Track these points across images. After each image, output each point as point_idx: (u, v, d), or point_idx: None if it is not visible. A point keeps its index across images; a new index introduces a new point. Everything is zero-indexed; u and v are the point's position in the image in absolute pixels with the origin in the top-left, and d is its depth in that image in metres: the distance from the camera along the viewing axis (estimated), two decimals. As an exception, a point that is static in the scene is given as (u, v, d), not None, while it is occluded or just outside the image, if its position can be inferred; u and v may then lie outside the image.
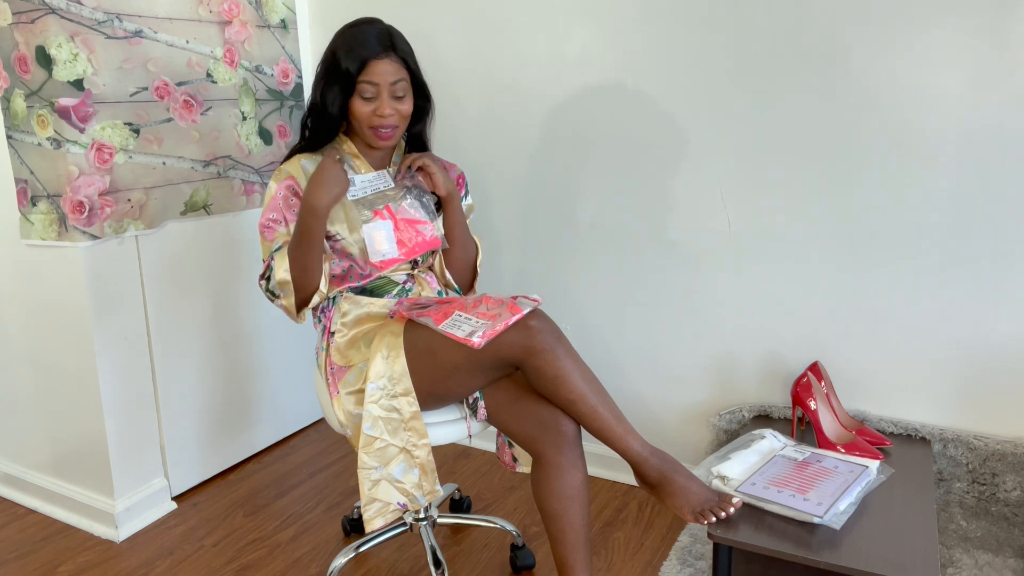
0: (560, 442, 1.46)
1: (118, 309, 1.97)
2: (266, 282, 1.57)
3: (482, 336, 1.38)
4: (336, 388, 1.56)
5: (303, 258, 1.52)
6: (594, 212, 2.12)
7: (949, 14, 1.64)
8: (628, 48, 1.98)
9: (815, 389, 1.76)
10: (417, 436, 1.50)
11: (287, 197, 1.57)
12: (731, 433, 1.98)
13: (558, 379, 1.42)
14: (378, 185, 1.63)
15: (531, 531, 1.97)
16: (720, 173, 1.94)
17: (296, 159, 1.60)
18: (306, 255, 1.52)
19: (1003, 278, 1.70)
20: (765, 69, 1.83)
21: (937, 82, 1.68)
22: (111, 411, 1.97)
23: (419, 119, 1.67)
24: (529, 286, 2.26)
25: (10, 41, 1.79)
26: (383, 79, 1.52)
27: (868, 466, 1.56)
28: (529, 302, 1.44)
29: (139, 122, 1.95)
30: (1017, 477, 1.72)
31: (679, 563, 1.74)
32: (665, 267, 2.06)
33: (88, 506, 2.05)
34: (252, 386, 2.41)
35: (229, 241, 2.26)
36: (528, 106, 2.15)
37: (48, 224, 1.87)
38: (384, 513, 1.52)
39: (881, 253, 1.80)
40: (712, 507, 1.41)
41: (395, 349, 1.49)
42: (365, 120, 1.56)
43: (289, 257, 1.53)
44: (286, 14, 2.37)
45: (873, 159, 1.77)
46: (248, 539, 1.99)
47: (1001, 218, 1.68)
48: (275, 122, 2.36)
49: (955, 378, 1.79)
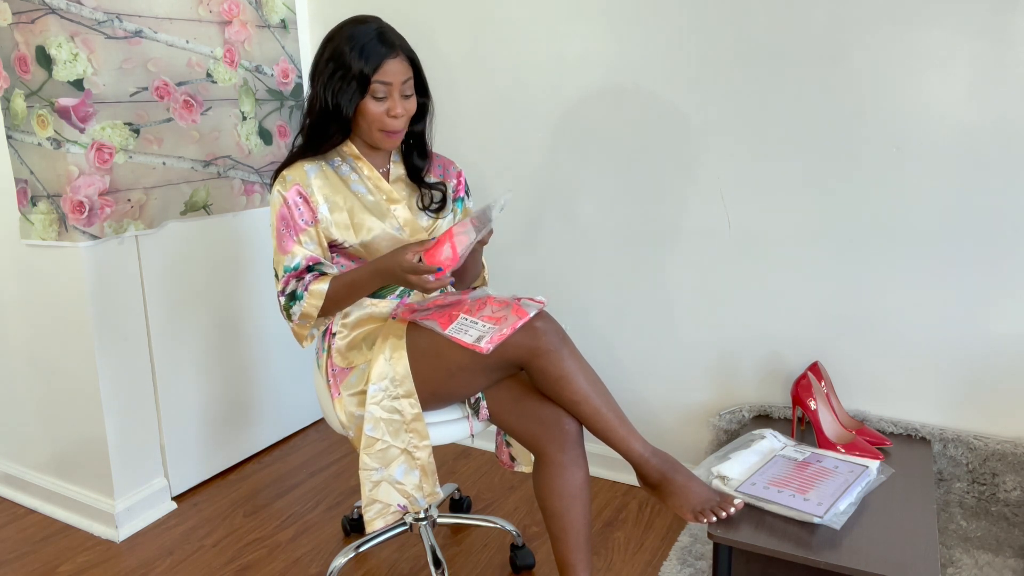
0: (562, 441, 1.46)
1: (118, 309, 1.97)
2: (287, 301, 1.53)
3: (489, 341, 1.38)
4: (338, 389, 1.56)
5: (345, 303, 1.54)
6: (594, 212, 2.12)
7: (949, 14, 1.64)
8: (629, 48, 1.98)
9: (815, 389, 1.76)
10: (418, 438, 1.50)
11: (297, 205, 1.54)
12: (731, 433, 1.98)
13: (562, 380, 1.42)
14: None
15: (531, 531, 1.97)
16: (721, 173, 1.94)
17: (299, 164, 1.57)
18: (351, 302, 1.54)
19: (1003, 278, 1.70)
20: (766, 69, 1.84)
21: (937, 82, 1.68)
22: (111, 411, 1.97)
23: (420, 117, 1.66)
24: (529, 286, 2.26)
25: (10, 41, 1.79)
26: (396, 79, 1.51)
27: (868, 466, 1.56)
28: (534, 304, 1.44)
29: (139, 122, 1.95)
30: (1017, 477, 1.72)
31: (679, 563, 1.74)
32: (665, 267, 2.06)
33: (88, 506, 2.05)
34: (252, 386, 2.40)
35: (229, 241, 2.26)
36: (528, 106, 2.15)
37: (48, 224, 1.87)
38: (385, 514, 1.52)
39: (881, 253, 1.80)
40: (712, 507, 1.42)
41: (398, 350, 1.49)
42: (376, 121, 1.53)
43: (329, 298, 1.51)
44: (286, 14, 2.37)
45: (873, 159, 1.77)
46: (248, 539, 1.99)
47: (1001, 218, 1.68)
48: (275, 122, 2.36)
49: (955, 378, 1.79)
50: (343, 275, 1.52)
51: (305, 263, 1.53)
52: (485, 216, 1.43)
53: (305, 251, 1.53)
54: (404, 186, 1.67)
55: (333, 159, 1.62)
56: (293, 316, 1.53)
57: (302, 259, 1.53)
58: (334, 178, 1.59)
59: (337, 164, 1.61)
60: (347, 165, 1.62)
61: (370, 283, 1.49)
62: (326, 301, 1.51)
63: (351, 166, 1.62)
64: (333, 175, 1.59)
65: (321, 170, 1.58)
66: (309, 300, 1.51)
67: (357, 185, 1.61)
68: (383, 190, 1.62)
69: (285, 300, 1.53)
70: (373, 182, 1.62)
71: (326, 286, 1.50)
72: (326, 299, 1.50)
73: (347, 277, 1.51)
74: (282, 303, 1.54)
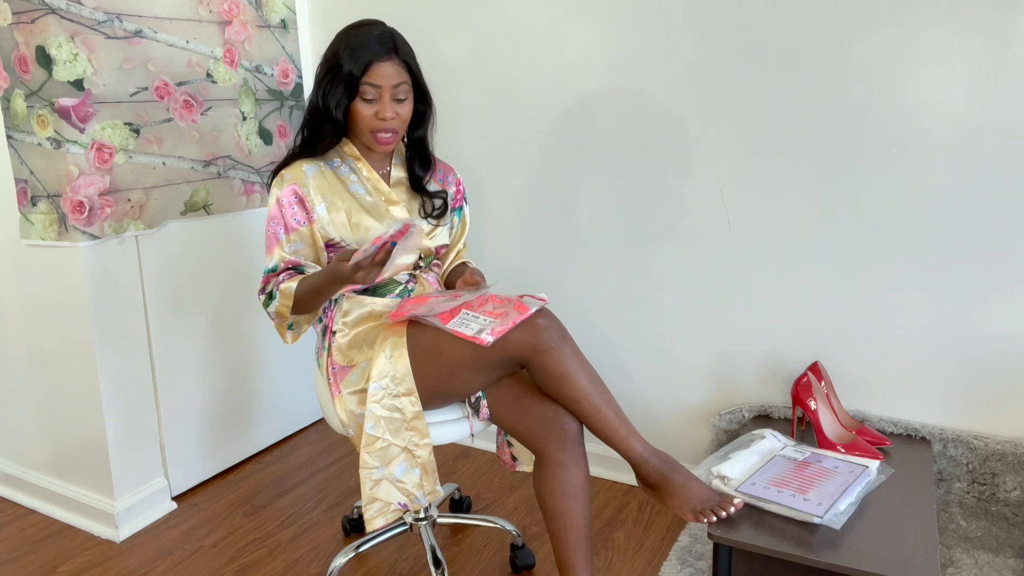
0: (563, 440, 1.46)
1: (118, 309, 1.97)
2: (265, 299, 1.58)
3: (490, 333, 1.38)
4: (338, 388, 1.56)
5: (313, 305, 1.56)
6: (594, 211, 2.12)
7: (949, 13, 1.64)
8: (629, 48, 1.98)
9: (815, 389, 1.76)
10: (419, 436, 1.51)
11: (290, 205, 1.56)
12: (731, 433, 1.98)
13: (563, 377, 1.42)
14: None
15: (531, 531, 1.97)
16: (720, 173, 1.94)
17: (297, 164, 1.59)
18: (317, 305, 1.56)
19: (1003, 278, 1.70)
20: (765, 68, 1.84)
21: (937, 81, 1.68)
22: (111, 411, 1.97)
23: (420, 123, 1.66)
24: (530, 286, 2.26)
25: (10, 41, 1.79)
26: (385, 81, 1.52)
27: (868, 466, 1.56)
28: (536, 301, 1.45)
29: (139, 122, 1.95)
30: (1017, 477, 1.72)
31: (679, 563, 1.74)
32: (665, 267, 2.06)
33: (88, 506, 2.04)
34: (252, 386, 2.40)
35: (229, 241, 2.26)
36: (529, 106, 2.16)
37: (48, 224, 1.87)
38: (385, 513, 1.53)
39: (881, 253, 1.80)
40: (712, 507, 1.42)
41: (398, 348, 1.49)
42: (366, 123, 1.55)
43: (297, 299, 1.53)
44: (286, 14, 2.37)
45: (874, 159, 1.77)
46: (248, 539, 1.99)
47: (1001, 218, 1.68)
48: (275, 122, 2.36)
49: (955, 378, 1.79)
50: (307, 277, 1.54)
51: (283, 266, 1.57)
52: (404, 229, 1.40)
53: (284, 254, 1.57)
54: (404, 189, 1.67)
55: (333, 160, 1.62)
56: (270, 314, 1.59)
57: (279, 261, 1.57)
58: (333, 179, 1.60)
59: (336, 165, 1.62)
60: (346, 166, 1.63)
61: (328, 285, 1.49)
62: (295, 301, 1.54)
63: (350, 167, 1.63)
64: (332, 175, 1.60)
65: (320, 170, 1.59)
66: (280, 300, 1.55)
67: (356, 186, 1.61)
68: (382, 191, 1.63)
69: (264, 299, 1.59)
70: (372, 183, 1.62)
71: (295, 285, 1.53)
72: (294, 299, 1.54)
73: (309, 280, 1.53)
74: (261, 301, 1.60)
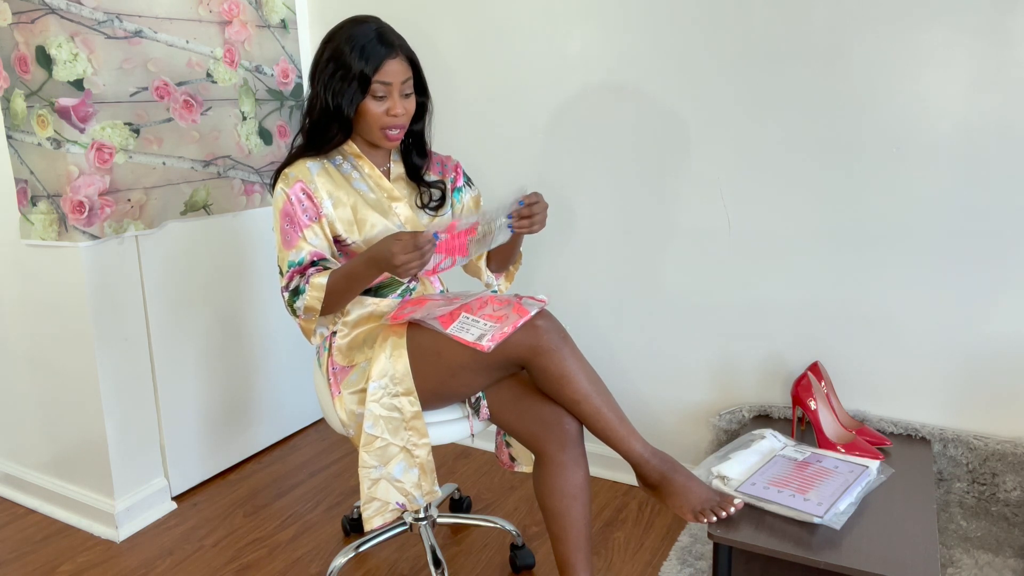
0: (563, 440, 1.46)
1: (118, 309, 1.97)
2: (290, 296, 1.54)
3: (491, 339, 1.38)
4: (338, 388, 1.56)
5: (347, 296, 1.52)
6: (594, 211, 2.12)
7: (949, 13, 1.64)
8: (628, 48, 1.98)
9: (815, 389, 1.76)
10: (417, 436, 1.51)
11: (300, 201, 1.54)
12: (731, 433, 1.98)
13: (563, 379, 1.42)
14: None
15: (531, 531, 1.97)
16: (720, 173, 1.94)
17: (301, 162, 1.58)
18: (352, 295, 1.53)
19: (1004, 278, 1.70)
20: (765, 68, 1.84)
21: (937, 81, 1.68)
22: (111, 411, 1.97)
23: (419, 117, 1.66)
24: (529, 285, 2.26)
25: (10, 41, 1.79)
26: (395, 79, 1.52)
27: (868, 466, 1.56)
28: (535, 303, 1.45)
29: (139, 122, 1.95)
30: (1017, 477, 1.72)
31: (679, 563, 1.74)
32: (665, 266, 2.06)
33: (88, 506, 2.05)
34: (252, 386, 2.40)
35: (229, 241, 2.26)
36: (528, 105, 2.16)
37: (48, 224, 1.87)
38: (383, 512, 1.53)
39: (881, 253, 1.80)
40: (712, 507, 1.42)
41: (398, 348, 1.49)
42: (376, 120, 1.54)
43: (330, 290, 1.50)
44: (286, 14, 2.37)
45: (873, 159, 1.77)
46: (248, 539, 1.99)
47: (1001, 218, 1.68)
48: (275, 122, 2.36)
49: (955, 378, 1.79)
50: (341, 267, 1.52)
51: (310, 258, 1.53)
52: (488, 217, 1.43)
53: (310, 246, 1.54)
54: (404, 184, 1.67)
55: (335, 157, 1.62)
56: (297, 311, 1.54)
57: (307, 254, 1.53)
58: (336, 176, 1.59)
59: (339, 162, 1.62)
60: (348, 163, 1.63)
61: (365, 271, 1.47)
62: (327, 293, 1.50)
63: (352, 164, 1.63)
64: (336, 173, 1.60)
65: (324, 168, 1.59)
66: (311, 293, 1.51)
67: (359, 183, 1.61)
68: (384, 188, 1.63)
69: (289, 296, 1.54)
70: (374, 180, 1.63)
71: (326, 278, 1.50)
72: (327, 291, 1.50)
73: (344, 268, 1.50)
74: (286, 298, 1.55)
